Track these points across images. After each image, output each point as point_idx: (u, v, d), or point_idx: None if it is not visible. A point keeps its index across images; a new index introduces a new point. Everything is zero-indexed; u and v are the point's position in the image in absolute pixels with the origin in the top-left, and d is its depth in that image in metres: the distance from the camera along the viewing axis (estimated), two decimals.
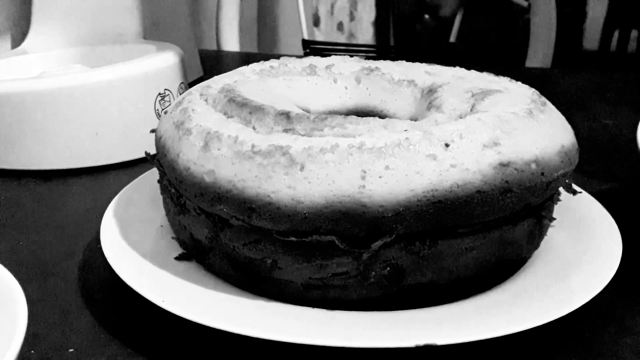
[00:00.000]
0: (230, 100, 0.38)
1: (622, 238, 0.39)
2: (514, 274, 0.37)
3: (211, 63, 0.99)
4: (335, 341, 0.30)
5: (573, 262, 0.37)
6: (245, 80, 0.43)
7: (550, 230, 0.39)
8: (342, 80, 0.46)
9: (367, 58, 0.48)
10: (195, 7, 1.37)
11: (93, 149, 0.59)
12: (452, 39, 1.35)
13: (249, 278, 0.35)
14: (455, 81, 0.41)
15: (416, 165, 0.31)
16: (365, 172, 0.31)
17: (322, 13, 1.89)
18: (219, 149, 0.34)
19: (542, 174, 0.33)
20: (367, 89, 0.45)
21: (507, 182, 0.32)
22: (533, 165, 0.33)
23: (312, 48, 1.21)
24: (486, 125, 0.33)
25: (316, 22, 1.87)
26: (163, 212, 0.43)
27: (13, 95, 0.56)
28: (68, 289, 0.39)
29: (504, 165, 0.32)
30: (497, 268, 0.35)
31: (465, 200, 0.31)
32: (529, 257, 0.38)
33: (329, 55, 0.49)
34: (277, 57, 0.49)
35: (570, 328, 0.35)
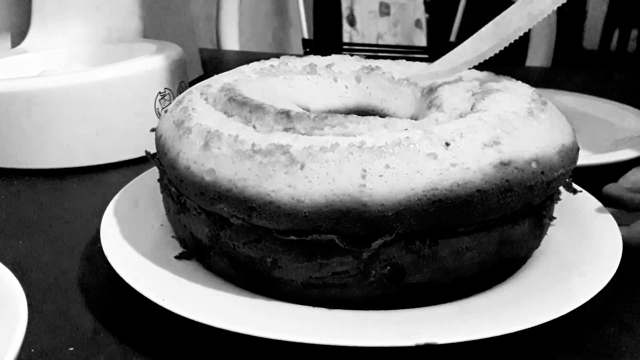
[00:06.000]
0: (231, 99, 0.38)
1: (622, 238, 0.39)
2: (514, 273, 0.37)
3: (211, 62, 0.99)
4: (335, 340, 0.30)
5: (573, 261, 0.37)
6: (245, 79, 0.43)
7: (550, 230, 0.39)
8: (343, 79, 0.46)
9: (367, 57, 0.48)
10: (196, 6, 1.37)
11: (93, 149, 0.59)
12: (452, 38, 1.34)
13: (249, 277, 0.35)
14: (456, 80, 0.41)
15: (416, 164, 0.31)
16: (365, 171, 0.31)
17: (358, 12, 1.83)
18: (219, 148, 0.34)
19: (543, 173, 0.33)
20: (367, 88, 0.45)
21: (507, 181, 0.32)
22: (533, 165, 0.33)
23: (312, 48, 1.20)
24: (486, 125, 0.33)
25: (352, 22, 1.82)
26: (163, 211, 0.43)
27: (13, 95, 0.56)
28: (68, 288, 0.39)
29: (504, 164, 0.32)
30: (497, 267, 0.35)
31: (465, 200, 0.31)
32: (529, 257, 0.38)
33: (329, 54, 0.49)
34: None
35: (570, 328, 0.35)
